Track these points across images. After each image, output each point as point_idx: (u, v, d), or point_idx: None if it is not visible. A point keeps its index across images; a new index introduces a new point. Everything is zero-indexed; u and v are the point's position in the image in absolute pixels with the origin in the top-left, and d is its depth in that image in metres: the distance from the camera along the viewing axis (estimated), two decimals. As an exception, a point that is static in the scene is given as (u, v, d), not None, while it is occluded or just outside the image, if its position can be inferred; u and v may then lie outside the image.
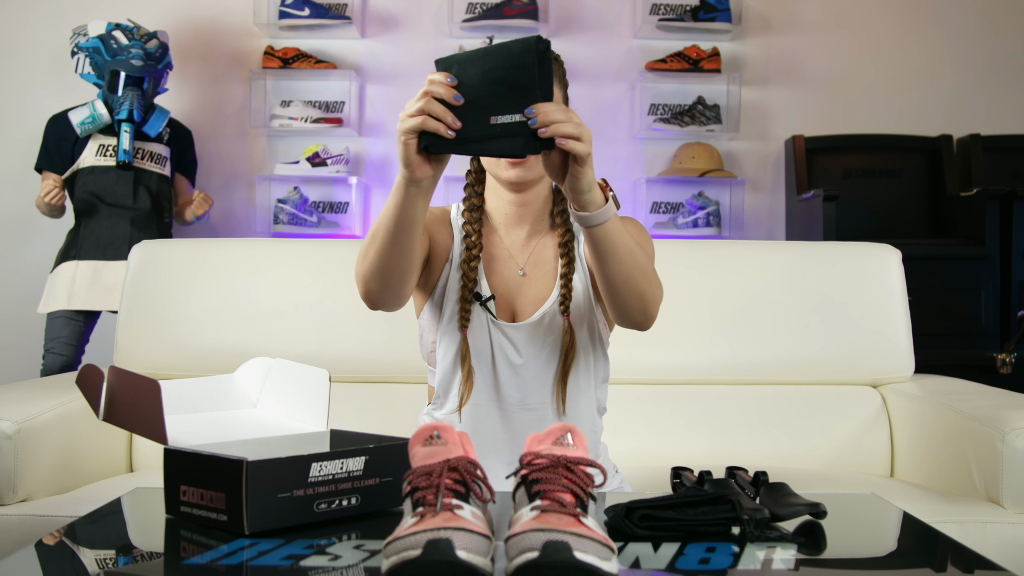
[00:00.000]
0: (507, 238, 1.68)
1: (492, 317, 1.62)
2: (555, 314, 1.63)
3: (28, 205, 3.57)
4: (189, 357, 2.26)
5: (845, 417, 2.30)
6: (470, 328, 1.62)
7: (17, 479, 1.84)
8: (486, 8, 3.86)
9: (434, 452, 1.06)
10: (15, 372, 3.60)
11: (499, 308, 1.64)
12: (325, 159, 3.77)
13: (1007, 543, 1.80)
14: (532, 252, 1.68)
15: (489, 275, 1.66)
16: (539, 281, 1.66)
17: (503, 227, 1.69)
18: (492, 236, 1.69)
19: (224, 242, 2.51)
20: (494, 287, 1.65)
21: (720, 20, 3.81)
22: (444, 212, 1.71)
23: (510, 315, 1.65)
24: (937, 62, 3.96)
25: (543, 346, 1.62)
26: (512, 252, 1.67)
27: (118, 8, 3.65)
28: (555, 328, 1.63)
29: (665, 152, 3.93)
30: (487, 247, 1.67)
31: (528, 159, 1.56)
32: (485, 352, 1.62)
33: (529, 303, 1.65)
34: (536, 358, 1.62)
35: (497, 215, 1.68)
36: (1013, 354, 3.15)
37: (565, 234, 1.67)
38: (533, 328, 1.62)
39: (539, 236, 1.69)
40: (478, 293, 1.62)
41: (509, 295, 1.65)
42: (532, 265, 1.67)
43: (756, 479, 1.34)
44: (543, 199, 1.67)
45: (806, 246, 2.50)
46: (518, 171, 1.58)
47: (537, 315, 1.63)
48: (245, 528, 1.13)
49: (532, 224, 1.68)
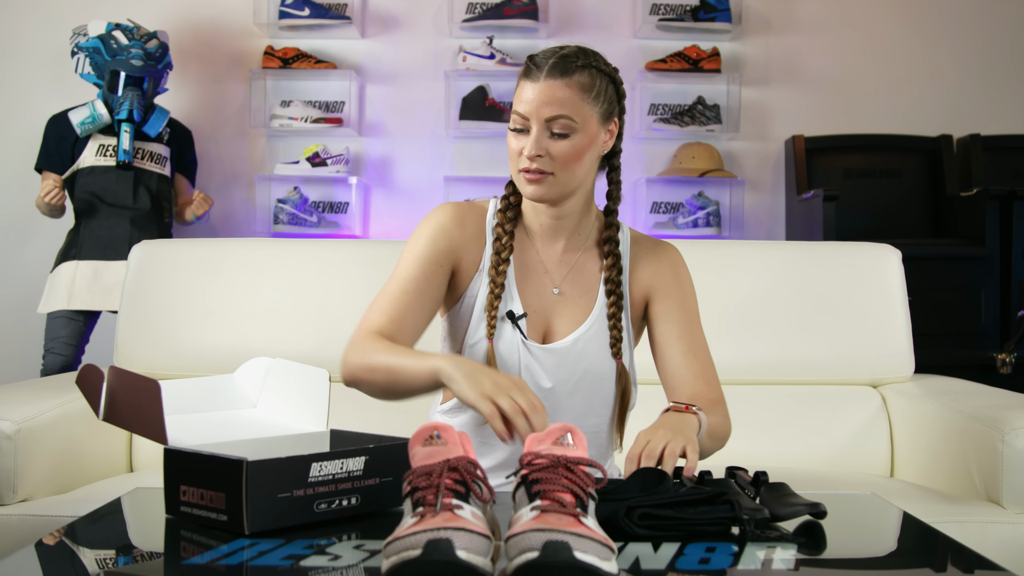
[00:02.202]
0: (543, 250, 1.61)
1: (523, 337, 1.56)
2: (589, 340, 1.57)
3: (28, 205, 3.57)
4: (189, 357, 2.26)
5: (845, 417, 2.30)
6: (499, 339, 1.56)
7: (17, 479, 1.84)
8: (486, 8, 3.86)
9: (434, 452, 1.06)
10: (15, 372, 3.60)
11: (530, 326, 1.57)
12: (325, 159, 3.77)
13: (1007, 543, 1.80)
14: (570, 271, 1.61)
15: (522, 288, 1.59)
16: (575, 303, 1.59)
17: (539, 238, 1.62)
18: (527, 245, 1.62)
19: (224, 242, 2.51)
20: (527, 304, 1.58)
21: (720, 20, 3.81)
22: (479, 215, 1.63)
23: (541, 334, 1.59)
24: (937, 62, 3.96)
25: (574, 371, 1.57)
26: (548, 267, 1.61)
27: (118, 8, 3.65)
28: (588, 356, 1.57)
29: (665, 152, 3.93)
30: (522, 255, 1.61)
31: (546, 178, 1.50)
32: (513, 368, 1.55)
33: (564, 324, 1.58)
34: (565, 383, 1.56)
35: (534, 225, 1.62)
36: (1013, 354, 3.15)
37: (613, 267, 1.60)
38: (565, 352, 1.57)
39: (577, 253, 1.62)
40: (511, 312, 1.56)
41: (543, 313, 1.59)
42: (569, 285, 1.60)
43: (756, 479, 1.34)
44: (579, 211, 1.60)
45: (806, 246, 2.50)
46: (534, 188, 1.51)
47: (570, 339, 1.57)
48: (245, 528, 1.13)
49: (568, 238, 1.61)
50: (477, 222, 1.62)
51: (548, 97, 1.48)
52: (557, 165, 1.49)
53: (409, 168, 3.91)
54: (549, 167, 1.49)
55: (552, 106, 1.48)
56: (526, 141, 1.50)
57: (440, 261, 1.57)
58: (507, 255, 1.58)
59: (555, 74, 1.48)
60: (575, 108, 1.48)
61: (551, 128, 1.49)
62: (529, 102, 1.49)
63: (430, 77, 3.89)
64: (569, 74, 1.48)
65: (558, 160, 1.49)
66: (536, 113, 1.48)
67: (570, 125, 1.48)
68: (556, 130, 1.48)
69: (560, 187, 1.52)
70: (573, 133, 1.49)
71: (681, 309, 1.62)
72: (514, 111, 1.51)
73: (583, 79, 1.49)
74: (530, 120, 1.49)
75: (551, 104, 1.48)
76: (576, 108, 1.49)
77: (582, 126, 1.49)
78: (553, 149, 1.49)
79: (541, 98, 1.48)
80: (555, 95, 1.48)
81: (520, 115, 1.50)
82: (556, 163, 1.49)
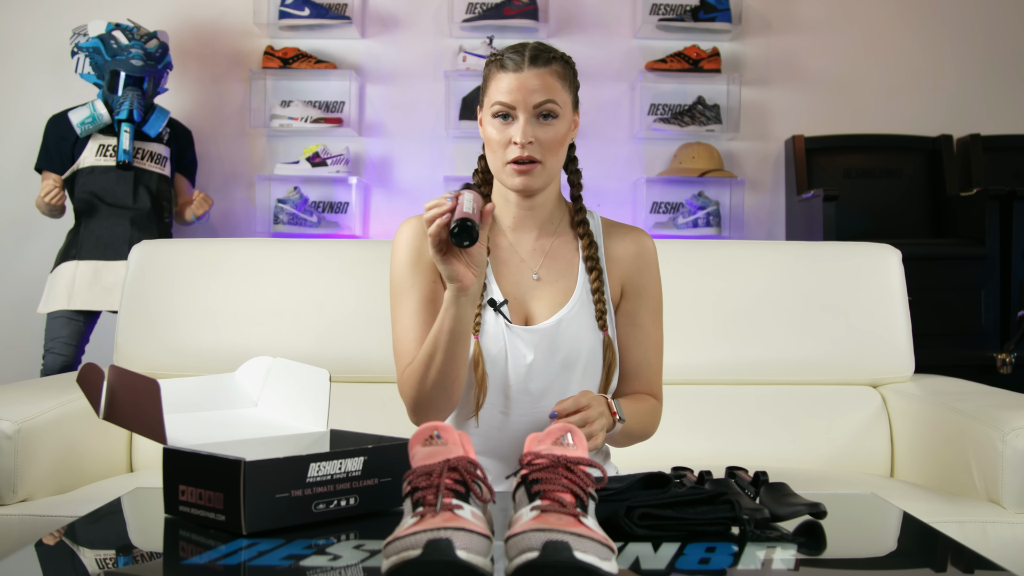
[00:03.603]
0: (516, 241, 1.65)
1: (507, 322, 1.59)
2: (572, 320, 1.60)
3: (28, 205, 3.57)
4: (189, 357, 2.26)
5: (845, 417, 2.30)
6: (484, 333, 1.59)
7: (17, 479, 1.84)
8: (486, 8, 3.86)
9: (434, 452, 1.06)
10: (15, 372, 3.60)
11: (513, 313, 1.61)
12: (325, 159, 3.77)
13: (1007, 543, 1.80)
14: (546, 257, 1.65)
15: (500, 280, 1.62)
16: (554, 285, 1.63)
17: (511, 231, 1.66)
18: (499, 239, 1.66)
19: (224, 242, 2.51)
20: (507, 291, 1.62)
21: (720, 20, 3.81)
22: None
23: (523, 319, 1.62)
24: (937, 62, 3.96)
25: (557, 351, 1.59)
26: (523, 256, 1.65)
27: (118, 8, 3.65)
28: (571, 334, 1.60)
29: (665, 152, 3.93)
30: (494, 251, 1.64)
31: (535, 167, 1.55)
32: (499, 353, 1.58)
33: (545, 307, 1.62)
34: (551, 361, 1.59)
35: (505, 218, 1.66)
36: (1013, 354, 3.15)
37: (590, 246, 1.65)
38: (548, 332, 1.59)
39: (550, 239, 1.66)
40: (492, 300, 1.60)
41: (523, 299, 1.62)
42: (547, 270, 1.64)
43: (756, 479, 1.34)
44: (552, 202, 1.65)
45: (806, 246, 2.50)
46: (524, 179, 1.56)
47: (554, 319, 1.60)
48: (243, 528, 1.13)
49: (540, 227, 1.65)
50: None
51: (535, 84, 1.54)
52: (545, 151, 1.55)
53: (409, 168, 3.92)
54: (539, 154, 1.54)
55: (540, 92, 1.54)
56: (513, 131, 1.54)
57: (427, 276, 1.62)
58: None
59: (537, 63, 1.55)
60: (557, 94, 1.55)
61: (539, 114, 1.54)
62: (515, 91, 1.53)
63: (430, 77, 3.89)
64: (548, 63, 1.56)
65: (546, 146, 1.55)
66: (524, 101, 1.53)
67: (555, 110, 1.55)
68: (544, 115, 1.54)
69: (546, 175, 1.58)
70: (558, 118, 1.55)
71: (647, 303, 1.68)
72: (496, 103, 1.55)
73: (558, 68, 1.57)
74: (517, 108, 1.54)
75: (539, 90, 1.54)
76: (558, 94, 1.56)
77: (563, 111, 1.57)
78: (541, 135, 1.54)
79: (529, 85, 1.53)
80: (541, 82, 1.54)
81: (505, 104, 1.54)
82: (544, 149, 1.55)
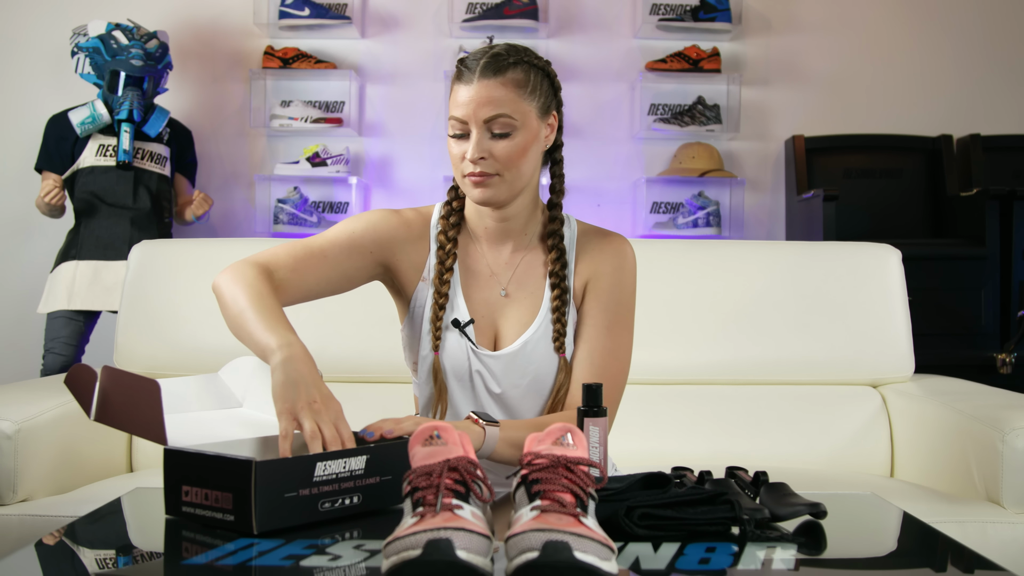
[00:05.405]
0: (490, 253, 1.59)
1: (472, 344, 1.54)
2: (537, 342, 1.54)
3: (28, 205, 3.57)
4: (189, 357, 2.26)
5: (845, 417, 2.30)
6: (446, 350, 1.53)
7: (17, 479, 1.84)
8: (486, 8, 3.86)
9: (434, 452, 1.07)
10: (15, 372, 3.60)
11: (479, 331, 1.55)
12: (325, 159, 3.77)
13: (1007, 543, 1.80)
14: (516, 271, 1.58)
15: (468, 293, 1.56)
16: (522, 303, 1.56)
17: (486, 242, 1.59)
18: (473, 249, 1.59)
19: (224, 242, 2.51)
20: (474, 310, 1.56)
21: (720, 20, 3.81)
22: (423, 219, 1.61)
23: (491, 339, 1.56)
24: (937, 62, 3.96)
25: (523, 375, 1.54)
26: (495, 270, 1.58)
27: (118, 8, 3.65)
28: (536, 357, 1.54)
29: (665, 152, 3.93)
30: (467, 261, 1.58)
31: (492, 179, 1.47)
32: (464, 376, 1.54)
33: (512, 327, 1.56)
34: (515, 387, 1.54)
35: (478, 228, 1.59)
36: (1013, 354, 3.15)
37: (557, 260, 1.56)
38: (513, 357, 1.54)
39: (523, 252, 1.59)
40: (456, 320, 1.54)
41: (491, 318, 1.56)
42: (515, 286, 1.57)
43: (756, 479, 1.34)
44: (526, 211, 1.57)
45: (806, 246, 2.50)
46: (481, 191, 1.48)
47: (518, 343, 1.54)
48: (254, 528, 1.13)
49: (516, 239, 1.58)
50: (421, 227, 1.60)
51: (484, 97, 1.45)
52: (502, 165, 1.47)
53: (409, 168, 3.92)
54: (493, 168, 1.47)
55: (489, 106, 1.46)
56: (467, 146, 1.47)
57: (369, 247, 1.54)
58: (451, 263, 1.55)
59: (488, 73, 1.46)
60: (513, 105, 1.46)
61: (491, 129, 1.46)
62: (465, 105, 1.46)
63: (430, 77, 3.89)
64: (502, 72, 1.46)
65: (502, 160, 1.47)
66: (474, 115, 1.46)
67: (510, 123, 1.47)
68: (496, 130, 1.46)
69: (507, 187, 1.49)
70: (514, 131, 1.47)
71: (606, 310, 1.57)
72: (451, 117, 1.49)
73: (517, 75, 1.47)
74: (468, 123, 1.47)
75: (488, 104, 1.45)
76: (514, 105, 1.46)
77: (522, 123, 1.47)
78: (495, 150, 1.47)
79: (477, 99, 1.45)
80: (491, 95, 1.45)
81: (458, 119, 1.48)
82: (500, 163, 1.47)
